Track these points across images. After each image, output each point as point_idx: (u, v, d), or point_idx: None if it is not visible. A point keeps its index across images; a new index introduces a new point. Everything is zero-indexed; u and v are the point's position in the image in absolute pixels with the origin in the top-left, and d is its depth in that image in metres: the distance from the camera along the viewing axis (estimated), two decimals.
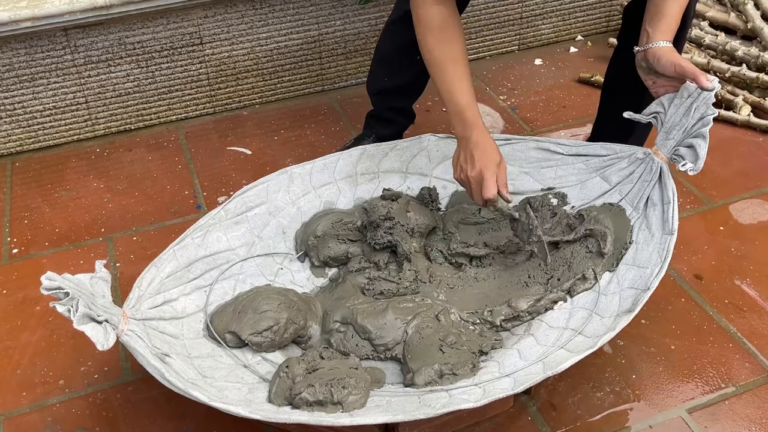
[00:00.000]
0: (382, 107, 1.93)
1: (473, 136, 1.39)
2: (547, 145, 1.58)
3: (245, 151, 2.15)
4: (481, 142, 1.39)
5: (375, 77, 1.90)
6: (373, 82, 1.91)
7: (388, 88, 1.87)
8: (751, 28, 2.30)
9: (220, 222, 1.47)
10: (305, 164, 1.59)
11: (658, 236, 1.40)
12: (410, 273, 1.47)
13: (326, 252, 1.53)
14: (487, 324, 1.41)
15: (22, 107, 2.10)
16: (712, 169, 2.00)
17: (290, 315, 1.37)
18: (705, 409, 1.40)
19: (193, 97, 2.28)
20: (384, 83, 1.87)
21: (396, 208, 1.50)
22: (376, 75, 1.90)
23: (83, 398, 1.46)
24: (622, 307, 1.33)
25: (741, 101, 2.18)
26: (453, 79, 1.39)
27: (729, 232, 1.81)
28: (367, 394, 1.24)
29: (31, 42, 2.01)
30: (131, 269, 1.75)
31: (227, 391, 1.22)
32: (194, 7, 2.11)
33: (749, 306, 1.61)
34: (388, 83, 1.86)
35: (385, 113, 1.93)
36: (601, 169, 1.54)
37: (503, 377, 1.25)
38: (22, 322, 1.63)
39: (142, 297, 1.29)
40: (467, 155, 1.39)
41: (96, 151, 2.18)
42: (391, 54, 1.81)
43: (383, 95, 1.90)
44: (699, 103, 1.39)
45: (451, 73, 1.39)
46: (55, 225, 1.91)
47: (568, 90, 2.39)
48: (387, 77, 1.85)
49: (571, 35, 2.66)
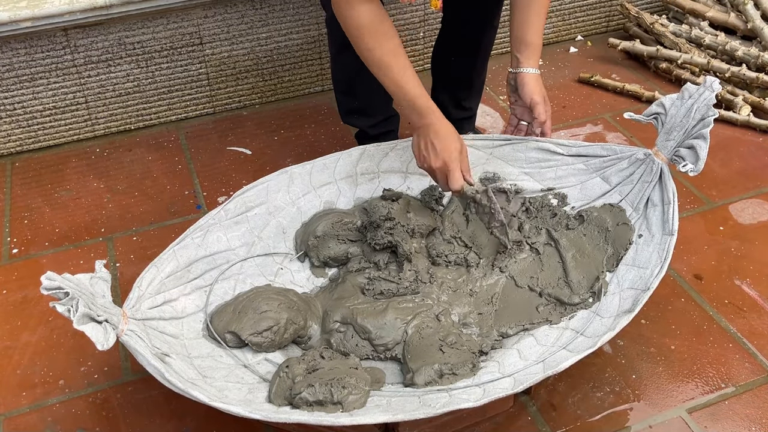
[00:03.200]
0: (366, 126, 1.90)
1: (431, 123, 1.40)
2: (547, 145, 1.58)
3: (245, 151, 2.15)
4: (440, 129, 1.40)
5: (344, 105, 1.87)
6: (346, 111, 1.88)
7: (362, 108, 1.85)
8: (751, 28, 2.30)
9: (220, 222, 1.47)
10: (305, 164, 1.59)
11: (659, 237, 1.40)
12: (410, 273, 1.47)
13: (326, 252, 1.53)
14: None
15: (22, 107, 2.10)
16: (712, 169, 2.00)
17: (290, 315, 1.37)
18: (705, 409, 1.40)
19: (193, 97, 2.28)
20: (355, 106, 1.84)
21: (396, 208, 1.50)
22: (343, 104, 1.87)
23: (83, 398, 1.46)
24: (622, 308, 1.33)
25: (741, 101, 2.18)
26: (400, 72, 1.40)
27: (729, 232, 1.81)
28: (367, 394, 1.24)
29: (31, 42, 2.01)
30: (131, 269, 1.75)
31: (227, 391, 1.22)
32: (194, 7, 2.11)
33: (749, 306, 1.61)
34: (359, 105, 1.84)
35: (371, 130, 1.90)
36: (601, 170, 1.54)
37: (503, 377, 1.25)
38: (22, 322, 1.63)
39: (142, 297, 1.29)
40: (428, 144, 1.41)
41: (96, 151, 2.18)
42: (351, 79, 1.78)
43: (359, 116, 1.87)
44: (700, 105, 1.39)
45: (396, 68, 1.40)
46: (55, 225, 1.91)
47: (568, 90, 2.39)
48: (356, 101, 1.83)
49: (571, 35, 2.66)
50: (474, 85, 1.89)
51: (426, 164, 1.43)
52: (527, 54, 1.53)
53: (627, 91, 2.33)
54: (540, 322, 1.40)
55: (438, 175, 1.42)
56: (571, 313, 1.40)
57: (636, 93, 2.31)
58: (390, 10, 2.33)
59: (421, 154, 1.43)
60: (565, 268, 1.46)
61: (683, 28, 2.42)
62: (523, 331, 1.40)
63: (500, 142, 1.61)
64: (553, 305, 1.43)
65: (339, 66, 1.79)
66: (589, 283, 1.43)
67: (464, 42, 1.80)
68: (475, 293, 1.47)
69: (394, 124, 1.92)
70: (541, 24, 1.54)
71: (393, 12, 2.34)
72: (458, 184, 1.40)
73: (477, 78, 1.87)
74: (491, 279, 1.49)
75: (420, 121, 1.42)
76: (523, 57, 1.53)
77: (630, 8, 2.55)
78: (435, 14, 2.40)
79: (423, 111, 1.41)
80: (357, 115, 1.87)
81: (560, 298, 1.43)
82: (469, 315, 1.43)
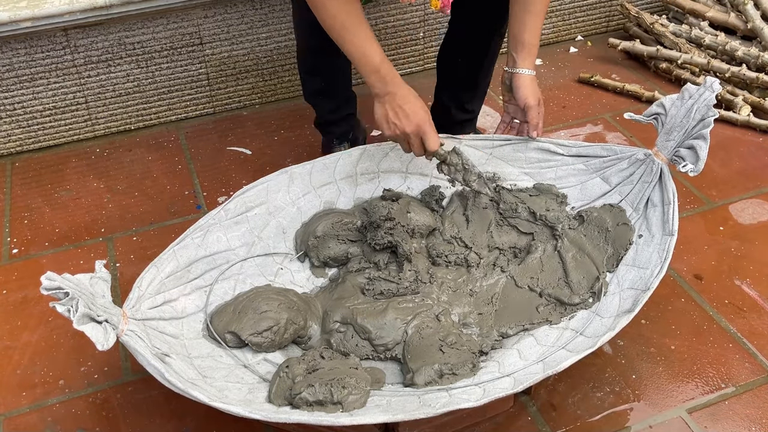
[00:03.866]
0: (327, 109, 1.92)
1: (397, 90, 1.41)
2: (547, 145, 1.58)
3: (245, 151, 2.15)
4: (407, 94, 1.42)
5: (308, 85, 1.89)
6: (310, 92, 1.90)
7: (325, 89, 1.87)
8: (751, 28, 2.30)
9: (220, 222, 1.47)
10: (305, 164, 1.59)
11: (659, 237, 1.40)
12: (410, 273, 1.47)
13: (326, 252, 1.53)
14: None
15: (22, 107, 2.10)
16: (712, 169, 2.00)
17: (290, 315, 1.37)
18: (705, 409, 1.40)
19: (193, 97, 2.28)
20: (320, 87, 1.86)
21: (396, 208, 1.50)
22: (308, 83, 1.89)
23: (83, 398, 1.46)
24: (622, 308, 1.33)
25: (741, 101, 2.18)
26: (364, 40, 1.40)
27: (729, 232, 1.81)
28: (367, 394, 1.24)
29: (31, 42, 2.01)
30: (131, 269, 1.75)
31: (227, 391, 1.22)
32: (194, 7, 2.11)
33: (749, 306, 1.61)
34: (323, 85, 1.86)
35: (331, 116, 1.92)
36: (601, 170, 1.54)
37: (503, 377, 1.25)
38: (22, 322, 1.63)
39: (142, 297, 1.29)
40: (396, 111, 1.41)
41: (96, 151, 2.18)
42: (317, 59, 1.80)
43: (322, 97, 1.89)
44: (700, 105, 1.39)
45: (361, 34, 1.40)
46: (55, 225, 1.91)
47: (568, 90, 2.39)
48: (321, 81, 1.85)
49: (571, 35, 2.66)
50: (479, 87, 1.89)
51: (398, 131, 1.43)
52: (524, 55, 1.53)
53: (627, 91, 2.33)
54: (540, 322, 1.40)
55: (412, 139, 1.43)
56: (571, 313, 1.40)
57: (636, 93, 2.31)
58: (390, 10, 2.33)
59: (391, 122, 1.43)
60: (565, 269, 1.46)
61: (683, 28, 2.42)
62: (523, 331, 1.40)
63: (500, 142, 1.61)
64: (553, 305, 1.43)
65: (304, 45, 1.80)
66: (589, 284, 1.43)
67: (472, 46, 1.80)
68: (475, 293, 1.47)
69: (352, 106, 1.94)
70: (538, 24, 1.54)
71: (393, 12, 2.34)
72: (436, 143, 1.43)
73: (483, 80, 1.87)
74: (491, 279, 1.49)
75: (384, 89, 1.42)
76: (519, 57, 1.54)
77: (630, 8, 2.55)
78: (435, 14, 2.40)
79: (388, 78, 1.41)
80: (321, 96, 1.88)
81: (560, 298, 1.43)
82: (469, 315, 1.43)
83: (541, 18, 1.54)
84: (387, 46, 2.41)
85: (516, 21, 1.54)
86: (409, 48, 2.44)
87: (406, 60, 2.47)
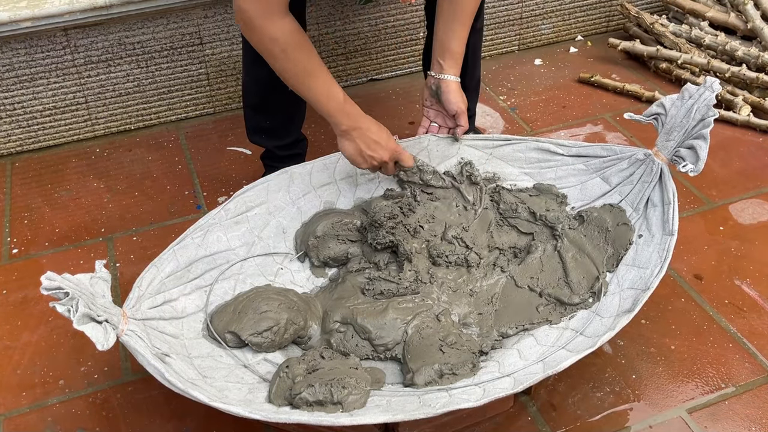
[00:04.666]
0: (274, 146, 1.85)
1: (363, 124, 1.45)
2: (547, 145, 1.58)
3: (245, 151, 2.15)
4: (373, 127, 1.46)
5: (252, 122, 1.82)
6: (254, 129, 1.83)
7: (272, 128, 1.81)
8: (751, 28, 2.30)
9: (220, 222, 1.47)
10: (305, 164, 1.59)
11: (659, 237, 1.40)
12: (410, 273, 1.47)
13: (326, 252, 1.53)
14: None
15: (22, 107, 2.10)
16: (712, 169, 2.00)
17: (290, 315, 1.37)
18: (705, 409, 1.40)
19: (193, 97, 2.28)
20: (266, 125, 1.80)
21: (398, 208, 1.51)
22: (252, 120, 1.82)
23: (83, 398, 1.46)
24: (622, 307, 1.33)
25: (741, 101, 2.18)
26: (325, 82, 1.43)
27: (729, 232, 1.81)
28: (367, 394, 1.24)
29: (31, 42, 2.01)
30: (131, 269, 1.75)
31: (227, 391, 1.22)
32: (194, 7, 2.11)
33: (749, 306, 1.61)
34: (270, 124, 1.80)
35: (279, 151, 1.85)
36: (601, 170, 1.54)
37: (503, 377, 1.25)
38: (22, 322, 1.63)
39: (142, 297, 1.29)
40: (368, 143, 1.45)
41: (96, 151, 2.18)
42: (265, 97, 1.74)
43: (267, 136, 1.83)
44: (700, 105, 1.39)
45: (322, 78, 1.43)
46: (55, 225, 1.91)
47: (568, 90, 2.39)
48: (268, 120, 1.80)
49: (571, 35, 2.66)
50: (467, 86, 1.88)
51: (375, 162, 1.47)
52: (450, 62, 1.57)
53: (627, 91, 2.33)
54: (540, 322, 1.40)
55: (390, 164, 1.50)
56: (571, 313, 1.40)
57: (636, 93, 2.31)
58: (390, 10, 2.33)
59: (366, 156, 1.46)
60: (565, 269, 1.46)
61: (683, 28, 2.42)
62: (523, 331, 1.40)
63: (500, 142, 1.61)
64: (553, 305, 1.43)
65: (252, 79, 1.74)
66: (589, 283, 1.43)
67: None
68: (475, 293, 1.47)
69: (302, 147, 1.89)
70: (464, 33, 1.58)
71: (393, 12, 2.34)
72: (411, 159, 1.53)
73: (470, 80, 1.87)
74: (491, 279, 1.49)
75: (353, 124, 1.44)
76: (446, 64, 1.58)
77: (630, 8, 2.55)
78: None
79: (353, 115, 1.45)
80: (265, 135, 1.82)
81: (560, 298, 1.43)
82: (469, 315, 1.43)
83: (468, 28, 1.58)
84: (387, 46, 2.41)
85: (444, 28, 1.57)
86: (409, 48, 2.44)
87: (406, 60, 2.47)
